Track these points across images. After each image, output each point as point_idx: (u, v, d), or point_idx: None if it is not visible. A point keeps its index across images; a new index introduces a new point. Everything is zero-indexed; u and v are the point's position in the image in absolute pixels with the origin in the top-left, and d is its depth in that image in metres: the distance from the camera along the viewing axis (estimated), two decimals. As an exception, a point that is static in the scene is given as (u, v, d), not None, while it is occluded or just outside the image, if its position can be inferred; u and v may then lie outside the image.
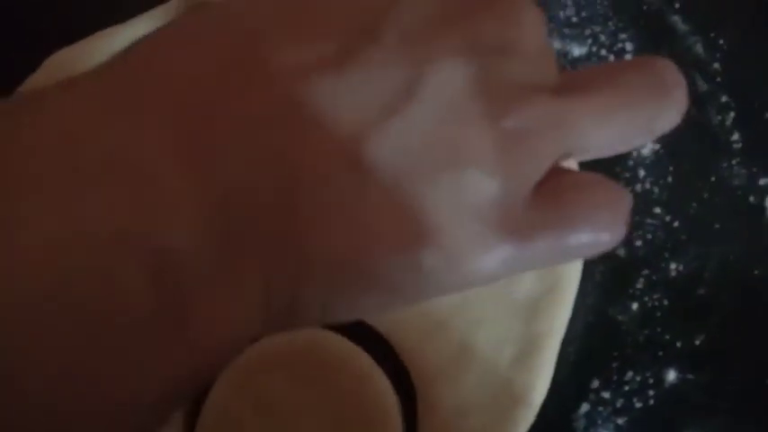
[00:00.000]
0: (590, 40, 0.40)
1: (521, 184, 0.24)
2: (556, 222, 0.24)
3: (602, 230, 0.25)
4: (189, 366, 0.21)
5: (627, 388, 0.37)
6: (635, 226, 0.38)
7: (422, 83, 0.22)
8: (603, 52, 0.40)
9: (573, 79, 0.25)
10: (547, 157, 0.24)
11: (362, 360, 0.36)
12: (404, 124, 0.22)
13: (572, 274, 0.37)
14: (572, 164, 0.37)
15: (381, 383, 0.35)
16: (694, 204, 0.39)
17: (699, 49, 0.40)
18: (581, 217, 0.24)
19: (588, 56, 0.40)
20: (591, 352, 0.37)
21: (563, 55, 0.40)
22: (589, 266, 0.38)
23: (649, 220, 0.39)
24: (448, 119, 0.22)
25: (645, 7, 0.41)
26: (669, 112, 0.25)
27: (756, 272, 0.38)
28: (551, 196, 0.24)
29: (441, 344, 0.36)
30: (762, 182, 0.39)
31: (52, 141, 0.21)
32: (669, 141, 0.39)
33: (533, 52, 0.24)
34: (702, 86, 0.40)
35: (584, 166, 0.37)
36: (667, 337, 0.38)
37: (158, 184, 0.21)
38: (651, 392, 0.37)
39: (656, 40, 0.41)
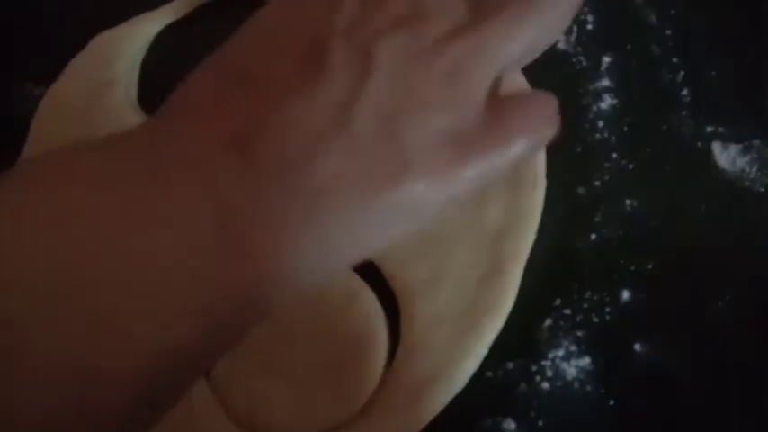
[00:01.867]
0: (556, 14, 0.46)
1: (470, 108, 0.29)
2: (501, 135, 0.30)
3: (537, 132, 0.31)
4: (251, 287, 0.28)
5: (586, 305, 0.41)
6: (595, 168, 0.43)
7: (372, 63, 0.29)
8: (568, 23, 0.46)
9: (482, 4, 0.30)
10: (485, 78, 0.30)
11: (354, 281, 0.41)
12: (369, 97, 0.28)
13: (535, 208, 0.41)
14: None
15: (370, 300, 0.41)
16: (648, 150, 0.43)
17: (653, 19, 0.45)
18: (519, 127, 0.30)
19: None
20: (553, 275, 0.41)
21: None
22: (552, 203, 0.42)
23: (607, 164, 0.43)
24: (398, 78, 0.29)
25: (606, -16, 0.46)
26: (565, 16, 0.31)
27: (702, 207, 0.42)
28: (496, 115, 0.30)
29: (420, 268, 0.41)
30: (708, 129, 0.43)
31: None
32: (626, 97, 0.44)
33: (437, 7, 0.30)
34: (656, 50, 0.45)
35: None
36: (622, 262, 0.41)
37: (220, 174, 0.28)
38: (607, 309, 0.41)
39: (614, 11, 0.46)
